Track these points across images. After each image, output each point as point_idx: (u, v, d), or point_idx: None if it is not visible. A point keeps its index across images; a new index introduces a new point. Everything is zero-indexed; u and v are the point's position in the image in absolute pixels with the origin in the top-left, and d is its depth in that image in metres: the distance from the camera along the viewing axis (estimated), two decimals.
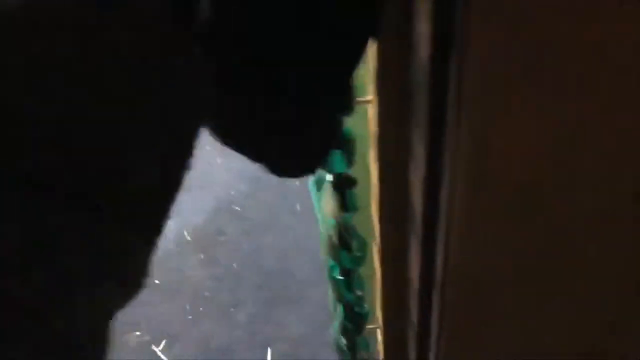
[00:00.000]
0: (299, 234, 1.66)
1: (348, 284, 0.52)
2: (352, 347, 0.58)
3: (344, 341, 0.58)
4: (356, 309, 0.54)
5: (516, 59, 0.26)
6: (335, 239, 0.49)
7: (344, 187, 0.45)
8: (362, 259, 0.50)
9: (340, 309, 0.55)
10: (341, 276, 0.52)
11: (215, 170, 1.87)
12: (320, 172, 0.48)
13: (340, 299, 0.54)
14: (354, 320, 0.55)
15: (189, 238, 1.68)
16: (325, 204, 0.52)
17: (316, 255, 1.59)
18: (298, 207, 1.74)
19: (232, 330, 1.45)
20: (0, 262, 0.19)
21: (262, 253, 1.63)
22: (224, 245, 1.66)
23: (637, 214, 0.32)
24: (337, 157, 0.42)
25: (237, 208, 1.76)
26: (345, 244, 0.49)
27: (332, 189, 0.46)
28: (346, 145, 0.42)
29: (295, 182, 1.80)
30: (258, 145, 0.32)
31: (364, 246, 0.49)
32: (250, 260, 1.61)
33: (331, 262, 0.51)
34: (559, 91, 0.27)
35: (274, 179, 1.52)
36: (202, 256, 1.64)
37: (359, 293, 0.53)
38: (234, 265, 1.61)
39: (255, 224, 1.71)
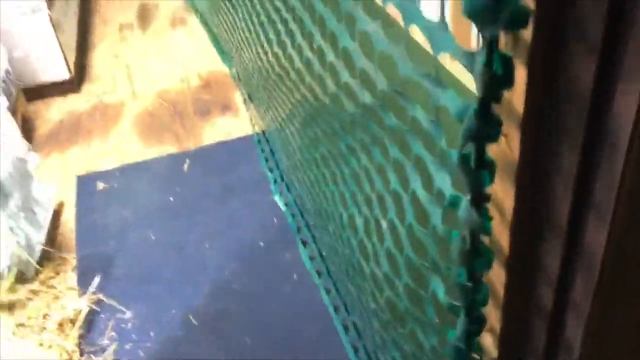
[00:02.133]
0: (302, 300, 1.74)
1: (476, 289, 0.63)
2: (470, 349, 0.69)
3: (461, 344, 0.69)
4: (479, 312, 0.66)
5: None
6: (465, 248, 0.61)
7: (483, 201, 0.57)
8: (490, 265, 0.62)
9: (462, 313, 0.66)
10: (469, 282, 0.63)
11: (205, 254, 1.92)
12: (453, 193, 0.61)
13: (465, 303, 0.65)
14: (477, 323, 0.66)
15: (195, 322, 1.71)
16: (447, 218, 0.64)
17: (322, 317, 1.67)
18: (295, 276, 1.82)
19: None
20: None
21: (271, 324, 1.68)
22: (232, 322, 1.70)
23: None
24: (485, 175, 0.55)
25: (236, 287, 1.81)
26: (478, 251, 0.61)
27: (470, 202, 0.58)
28: (490, 165, 0.55)
29: (285, 255, 1.89)
30: None
31: (491, 254, 0.61)
32: (261, 333, 1.66)
33: (461, 270, 0.63)
34: None
35: (264, 255, 1.68)
36: (213, 337, 1.66)
37: (484, 297, 0.64)
38: (247, 339, 1.64)
39: (257, 298, 1.77)
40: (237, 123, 2.54)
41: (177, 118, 2.62)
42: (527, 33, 0.48)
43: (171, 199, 2.15)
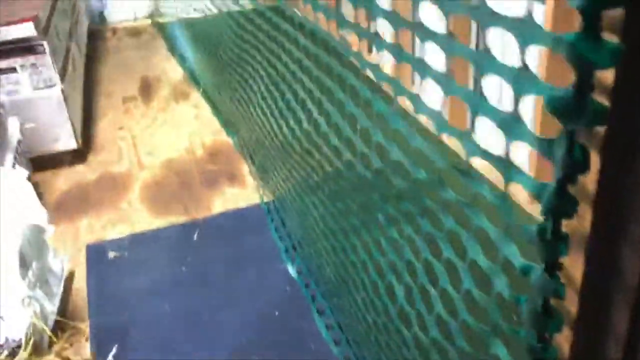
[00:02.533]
0: None
1: (545, 350, 0.69)
2: None
3: None
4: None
5: None
6: (536, 311, 0.67)
7: (557, 269, 0.64)
8: (561, 327, 0.68)
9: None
10: (539, 343, 0.69)
11: (220, 324, 1.94)
12: (525, 263, 0.68)
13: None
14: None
15: None
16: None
17: None
18: (312, 346, 1.84)
19: None
20: None
21: None
22: None
23: None
24: (562, 246, 0.62)
25: (253, 357, 1.82)
26: (549, 314, 0.67)
27: (544, 270, 0.65)
28: (565, 238, 0.62)
29: (301, 324, 1.91)
30: None
31: (562, 317, 0.67)
32: None
33: (531, 332, 0.69)
34: None
35: (279, 325, 1.73)
36: None
37: (553, 358, 0.70)
38: None
39: None
40: (245, 193, 2.60)
41: (185, 188, 2.68)
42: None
43: (183, 268, 2.17)
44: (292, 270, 2.10)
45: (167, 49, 4.35)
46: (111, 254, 2.27)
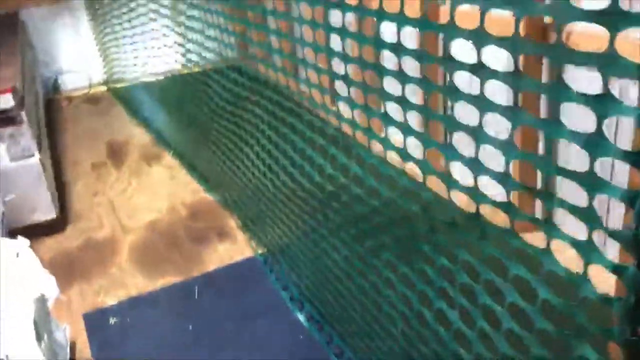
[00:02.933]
0: None
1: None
2: None
3: None
4: None
5: None
6: (630, 308, 0.76)
7: None
8: None
9: None
10: (633, 337, 0.78)
11: None
12: (617, 264, 0.77)
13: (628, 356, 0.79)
14: None
15: None
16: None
17: None
18: None
19: None
20: None
21: None
22: None
23: None
24: None
25: None
26: None
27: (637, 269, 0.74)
28: None
29: None
30: None
31: None
32: None
33: (624, 328, 0.77)
34: None
35: None
36: None
37: None
38: None
39: None
40: (237, 247, 2.62)
41: (174, 248, 2.66)
42: None
43: (190, 327, 2.15)
44: (301, 317, 2.12)
45: (129, 114, 4.36)
46: (112, 320, 2.22)
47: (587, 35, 1.77)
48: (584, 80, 1.20)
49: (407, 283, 1.40)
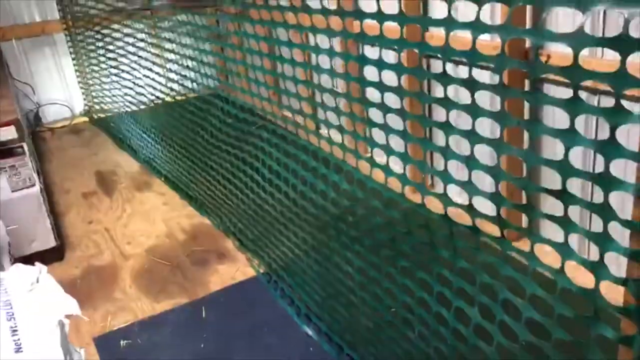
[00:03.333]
0: None
1: None
2: None
3: None
4: None
5: None
6: None
7: None
8: None
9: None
10: None
11: None
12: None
13: None
14: None
15: None
16: None
17: None
18: None
19: None
20: None
21: None
22: None
23: None
24: None
25: None
26: None
27: None
28: None
29: None
30: None
31: None
32: None
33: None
34: None
35: None
36: None
37: None
38: None
39: None
40: (237, 267, 2.70)
41: (177, 271, 2.73)
42: None
43: (202, 345, 2.22)
44: (310, 330, 2.21)
45: (114, 143, 4.41)
46: (123, 343, 2.27)
47: (560, 55, 1.97)
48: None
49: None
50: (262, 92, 2.31)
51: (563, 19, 2.10)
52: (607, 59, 1.93)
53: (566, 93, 0.97)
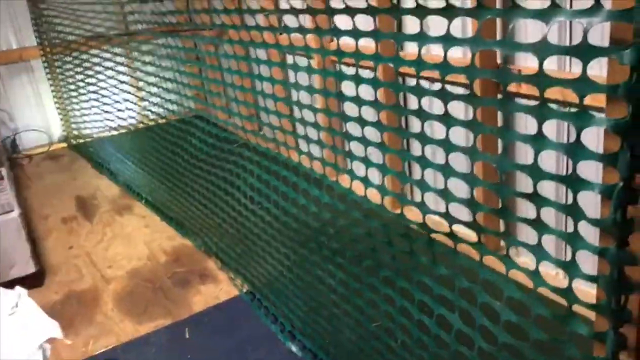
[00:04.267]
0: None
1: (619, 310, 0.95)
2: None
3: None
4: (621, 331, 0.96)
5: None
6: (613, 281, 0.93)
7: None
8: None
9: (611, 330, 0.96)
10: (616, 307, 0.95)
11: None
12: None
13: (613, 325, 0.96)
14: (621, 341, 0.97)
15: None
16: None
17: None
18: None
19: None
20: None
21: None
22: None
23: None
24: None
25: None
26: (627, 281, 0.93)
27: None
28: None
29: None
30: None
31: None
32: None
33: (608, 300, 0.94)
34: None
35: None
36: None
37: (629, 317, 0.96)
38: None
39: None
40: (220, 287, 2.70)
41: (159, 292, 2.72)
42: None
43: None
44: (294, 347, 2.22)
45: (94, 167, 4.39)
46: None
47: (530, 69, 2.04)
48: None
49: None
50: (242, 110, 2.35)
51: (532, 31, 2.19)
52: (573, 72, 2.01)
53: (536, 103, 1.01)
